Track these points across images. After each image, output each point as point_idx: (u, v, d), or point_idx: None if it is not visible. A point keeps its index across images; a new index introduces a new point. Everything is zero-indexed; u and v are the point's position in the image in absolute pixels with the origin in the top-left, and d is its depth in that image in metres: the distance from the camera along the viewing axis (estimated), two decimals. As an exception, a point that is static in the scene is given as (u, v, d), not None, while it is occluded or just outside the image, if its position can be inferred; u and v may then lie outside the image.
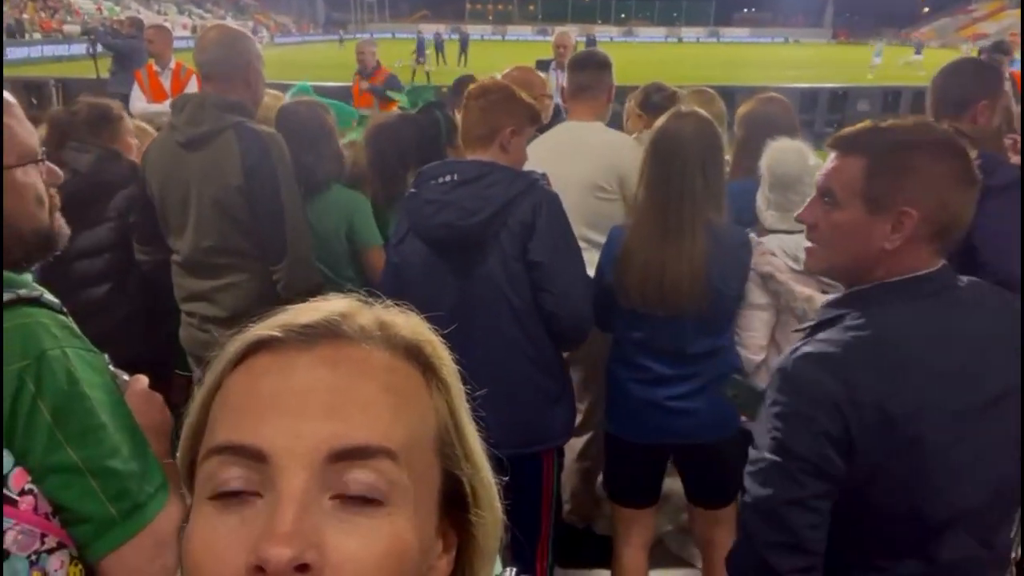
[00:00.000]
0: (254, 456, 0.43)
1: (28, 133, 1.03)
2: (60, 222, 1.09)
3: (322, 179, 2.53)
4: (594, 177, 2.53)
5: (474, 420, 0.53)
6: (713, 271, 2.01)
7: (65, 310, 1.03)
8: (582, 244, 2.54)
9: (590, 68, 2.68)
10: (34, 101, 10.10)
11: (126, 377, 1.24)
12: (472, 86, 2.09)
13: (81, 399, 0.94)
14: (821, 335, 1.25)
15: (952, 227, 1.24)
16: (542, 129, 2.83)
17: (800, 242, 1.50)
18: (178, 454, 0.51)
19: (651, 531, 2.39)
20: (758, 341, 2.15)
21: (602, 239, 2.51)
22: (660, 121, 2.10)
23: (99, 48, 9.65)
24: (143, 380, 1.22)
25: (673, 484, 2.52)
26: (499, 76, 3.20)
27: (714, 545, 2.34)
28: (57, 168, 1.08)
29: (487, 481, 0.52)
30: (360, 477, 0.43)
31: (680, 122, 2.04)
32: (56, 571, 0.89)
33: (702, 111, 2.13)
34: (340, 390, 0.45)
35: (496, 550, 0.53)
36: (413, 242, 1.99)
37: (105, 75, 8.89)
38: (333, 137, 2.64)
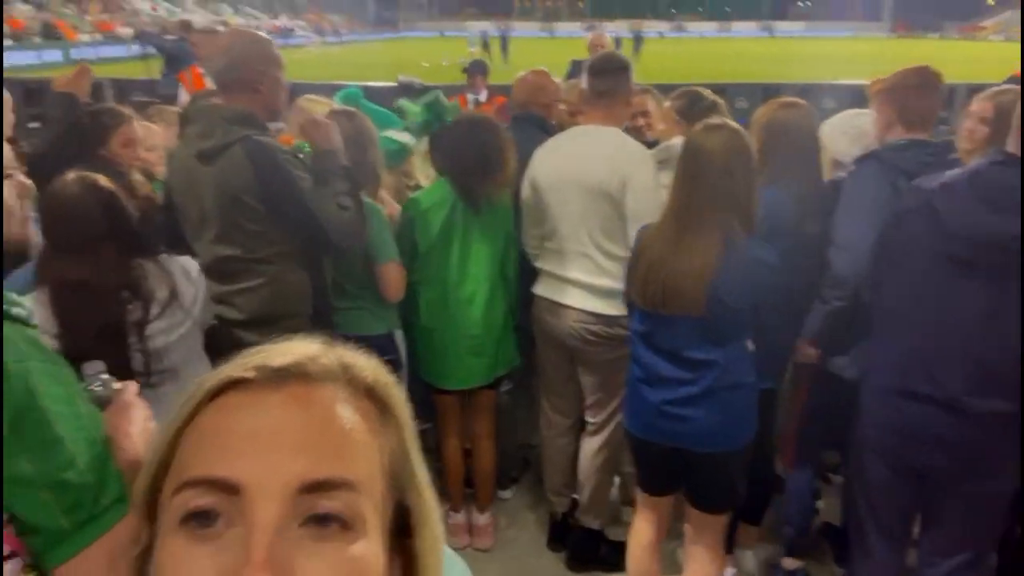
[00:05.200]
0: (229, 489, 0.46)
1: None
2: (32, 231, 1.12)
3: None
4: (606, 184, 2.50)
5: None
6: (720, 279, 2.00)
7: (34, 323, 1.06)
8: (598, 254, 2.56)
9: (609, 73, 2.61)
10: (91, 101, 10.43)
11: (117, 385, 1.27)
12: None
13: (38, 412, 0.96)
14: None
15: None
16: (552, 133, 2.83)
17: None
18: (137, 485, 0.52)
19: (667, 513, 2.41)
20: None
21: (615, 248, 2.52)
22: (692, 132, 2.13)
23: (148, 49, 9.93)
24: (131, 389, 1.24)
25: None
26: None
27: (695, 545, 2.31)
28: (29, 181, 1.10)
29: (431, 508, 0.55)
30: (327, 507, 0.47)
31: (709, 134, 2.07)
32: None
33: (733, 124, 2.13)
34: (309, 428, 0.48)
35: (439, 572, 0.56)
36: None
37: (157, 76, 9.17)
38: (371, 148, 2.66)
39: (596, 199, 2.52)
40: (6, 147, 2.24)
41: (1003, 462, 1.88)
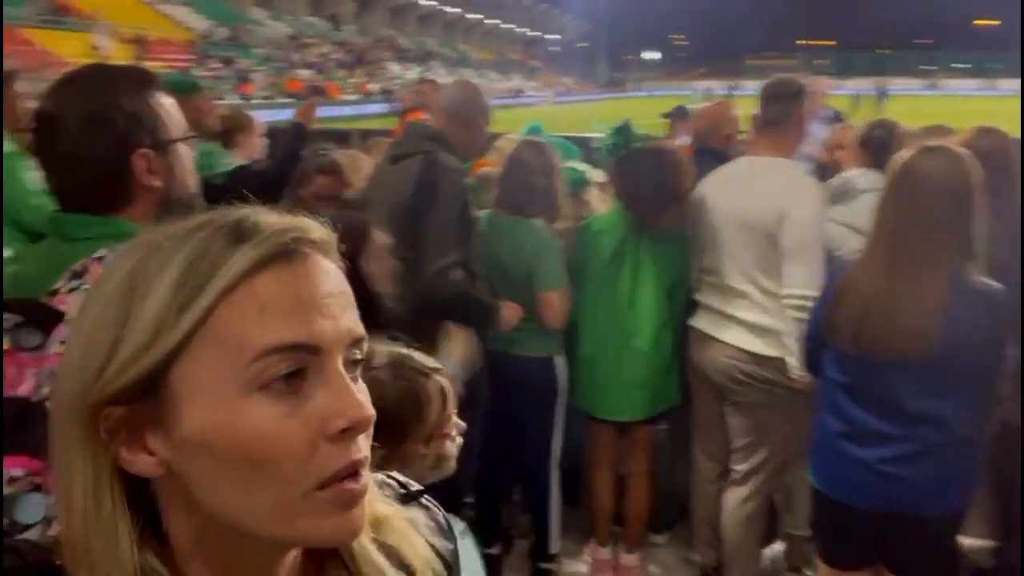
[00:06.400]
0: (310, 350, 0.52)
1: (180, 115, 1.28)
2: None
3: (526, 210, 2.71)
4: (763, 218, 2.38)
5: None
6: (950, 319, 1.79)
7: None
8: (754, 291, 2.45)
9: (780, 99, 2.48)
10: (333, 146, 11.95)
11: None
12: None
13: None
14: None
15: None
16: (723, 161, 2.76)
17: None
18: (140, 365, 0.51)
19: None
20: None
21: (772, 286, 2.38)
22: (904, 154, 1.92)
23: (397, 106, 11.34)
24: None
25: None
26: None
27: None
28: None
29: None
30: (360, 354, 0.57)
31: (927, 157, 1.86)
32: None
33: (956, 147, 1.92)
34: (340, 292, 0.56)
35: None
36: None
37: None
38: (554, 176, 2.78)
39: (753, 234, 2.42)
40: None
41: None
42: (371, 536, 0.62)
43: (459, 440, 1.33)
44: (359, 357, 0.57)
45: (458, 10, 63.47)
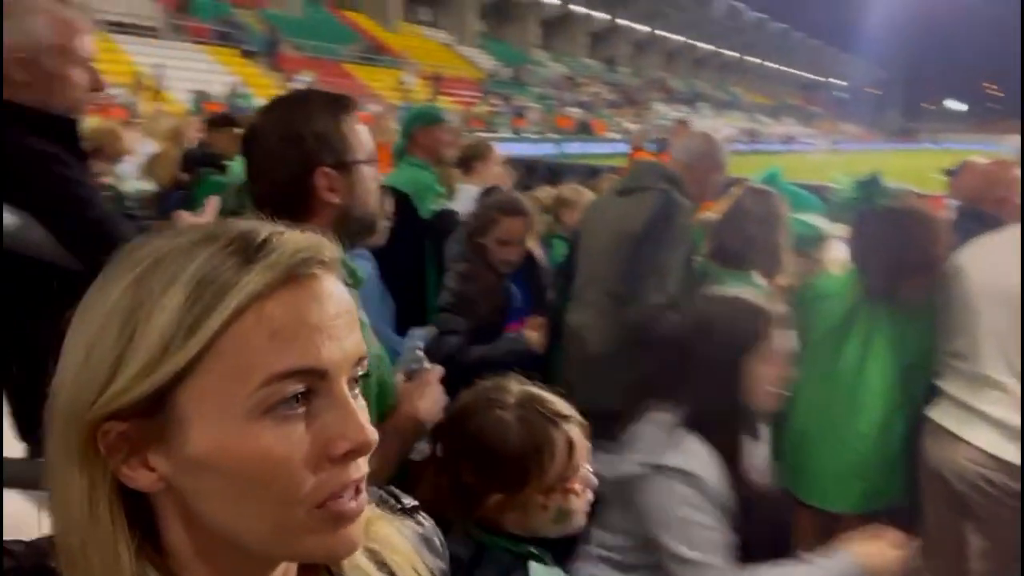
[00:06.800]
0: (318, 375, 0.52)
1: (369, 139, 1.33)
2: (383, 219, 1.37)
3: (741, 262, 2.51)
4: None
5: None
6: None
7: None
8: (1016, 385, 2.04)
9: None
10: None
11: (427, 365, 1.47)
12: None
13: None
14: None
15: None
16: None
17: None
18: (141, 386, 0.50)
19: None
20: None
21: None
22: None
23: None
24: (437, 372, 1.43)
25: None
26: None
27: None
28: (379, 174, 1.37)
29: None
30: (361, 371, 0.57)
31: None
32: None
33: None
34: (347, 313, 0.56)
35: None
36: None
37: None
38: (778, 228, 2.55)
39: (1020, 315, 1.98)
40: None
41: None
42: None
43: (589, 496, 1.22)
44: (361, 374, 0.57)
45: (736, 54, 62.26)
